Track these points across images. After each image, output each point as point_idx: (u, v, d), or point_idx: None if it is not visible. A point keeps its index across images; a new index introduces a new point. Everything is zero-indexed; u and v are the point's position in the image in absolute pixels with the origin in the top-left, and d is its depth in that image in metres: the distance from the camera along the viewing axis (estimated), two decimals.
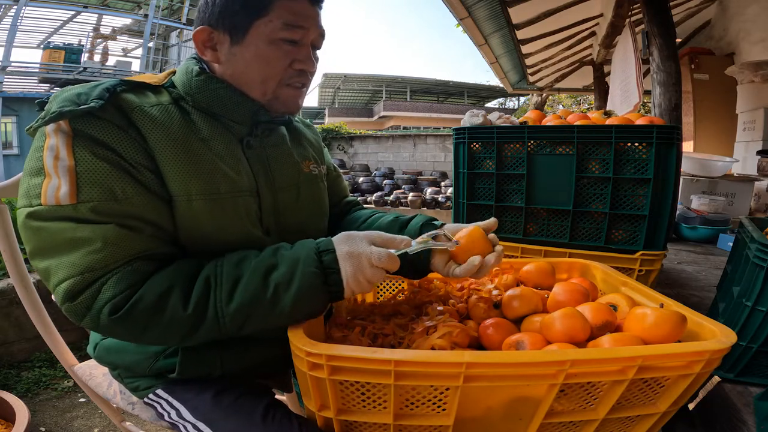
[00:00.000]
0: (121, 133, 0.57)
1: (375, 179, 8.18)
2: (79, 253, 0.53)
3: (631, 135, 1.09)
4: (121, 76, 0.65)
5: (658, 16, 2.17)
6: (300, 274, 0.57)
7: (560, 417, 0.55)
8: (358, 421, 0.56)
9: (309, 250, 0.59)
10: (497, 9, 3.23)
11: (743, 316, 0.74)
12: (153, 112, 0.60)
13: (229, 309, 0.56)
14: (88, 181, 0.54)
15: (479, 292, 0.79)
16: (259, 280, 0.57)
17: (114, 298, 0.53)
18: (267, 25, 0.64)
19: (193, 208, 0.61)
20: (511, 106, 23.31)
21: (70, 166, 0.53)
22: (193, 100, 0.66)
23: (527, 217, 1.23)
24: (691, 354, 0.51)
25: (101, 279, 0.54)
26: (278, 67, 0.67)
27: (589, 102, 10.67)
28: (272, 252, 0.61)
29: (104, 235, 0.53)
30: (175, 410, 0.68)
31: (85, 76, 10.27)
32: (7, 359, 1.94)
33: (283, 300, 0.57)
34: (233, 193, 0.65)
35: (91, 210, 0.53)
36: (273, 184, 0.73)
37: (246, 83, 0.68)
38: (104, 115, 0.56)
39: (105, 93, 0.57)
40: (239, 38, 0.65)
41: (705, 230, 2.04)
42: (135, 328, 0.55)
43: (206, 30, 0.66)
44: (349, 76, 22.52)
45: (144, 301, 0.54)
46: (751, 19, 3.22)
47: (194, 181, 0.61)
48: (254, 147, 0.71)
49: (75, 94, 0.56)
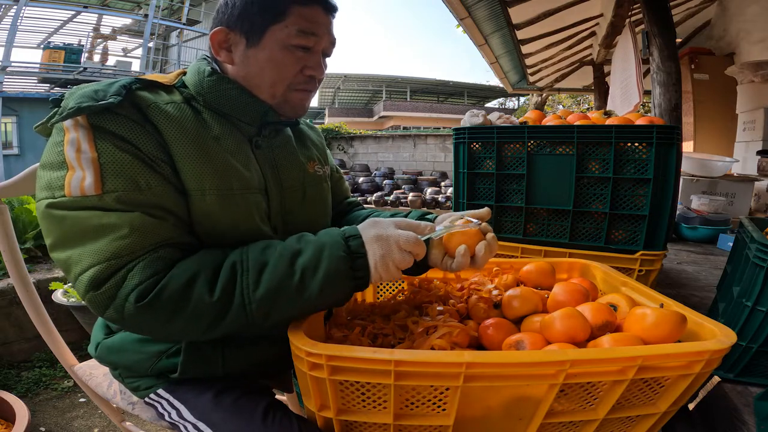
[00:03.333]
0: (139, 128, 0.58)
1: (375, 179, 8.18)
2: (105, 239, 0.53)
3: (631, 135, 1.10)
4: (122, 76, 0.66)
5: (658, 16, 2.17)
6: (327, 259, 0.57)
7: (560, 417, 0.55)
8: (358, 421, 0.56)
9: (335, 235, 0.60)
10: (497, 9, 3.23)
11: (743, 316, 0.74)
12: (168, 109, 0.62)
13: (256, 295, 0.55)
14: (112, 172, 0.55)
15: (479, 292, 0.79)
16: (286, 265, 0.57)
17: (140, 285, 0.53)
18: (282, 30, 0.65)
19: (207, 203, 0.62)
20: (511, 106, 23.32)
21: (93, 158, 0.54)
22: (204, 99, 0.67)
23: (527, 217, 1.23)
24: (691, 354, 0.51)
25: (127, 266, 0.53)
26: (290, 72, 0.68)
27: (589, 102, 10.67)
28: (297, 239, 0.61)
29: (131, 222, 0.54)
30: (176, 410, 0.68)
31: (85, 76, 10.26)
32: (7, 359, 1.94)
33: (310, 286, 0.56)
34: (245, 190, 0.66)
35: (117, 200, 0.54)
36: (281, 183, 0.74)
37: (257, 85, 0.69)
38: (121, 111, 0.57)
39: (122, 90, 0.58)
40: (255, 41, 0.66)
41: (705, 230, 2.04)
42: (161, 317, 0.54)
43: (223, 31, 0.67)
44: (349, 76, 22.52)
45: (170, 288, 0.53)
46: (751, 19, 3.22)
47: (208, 176, 0.62)
48: (262, 147, 0.72)
49: (93, 91, 0.57)
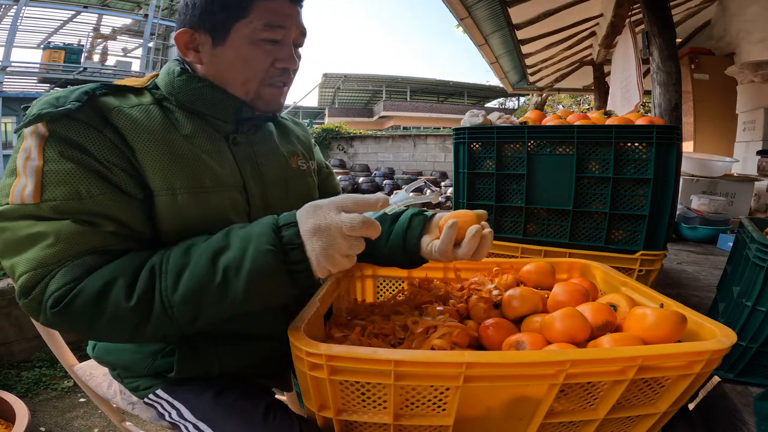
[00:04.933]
0: (96, 134, 0.57)
1: (375, 179, 8.17)
2: (35, 248, 0.53)
3: (631, 135, 1.10)
4: (122, 76, 0.65)
5: (658, 16, 2.17)
6: (252, 254, 0.52)
7: (560, 417, 0.55)
8: (358, 421, 0.56)
9: (264, 225, 0.55)
10: (497, 9, 3.23)
11: (743, 316, 0.74)
12: (132, 112, 0.61)
13: (175, 298, 0.52)
14: (53, 181, 0.54)
15: (479, 292, 0.79)
16: (207, 264, 0.53)
17: (56, 291, 0.52)
18: (248, 26, 0.65)
19: (178, 202, 0.62)
20: (511, 106, 23.31)
21: (38, 167, 0.54)
22: (176, 99, 0.67)
23: (527, 217, 1.23)
24: (691, 354, 0.51)
25: (51, 273, 0.53)
26: (260, 66, 0.68)
27: (589, 102, 10.67)
28: (225, 234, 0.56)
29: (58, 231, 0.53)
30: (176, 410, 0.68)
31: (85, 76, 10.24)
32: (7, 359, 1.94)
33: (235, 284, 0.52)
34: (218, 187, 0.66)
35: (53, 209, 0.53)
36: (261, 178, 0.73)
37: (229, 83, 0.68)
38: (81, 116, 0.57)
39: (83, 96, 0.58)
40: (220, 40, 0.66)
41: (705, 230, 2.04)
42: (79, 322, 0.53)
43: (188, 32, 0.66)
44: (349, 76, 22.51)
45: (84, 294, 0.52)
46: (751, 19, 3.22)
47: (177, 175, 0.62)
48: (241, 143, 0.72)
49: (54, 98, 0.57)
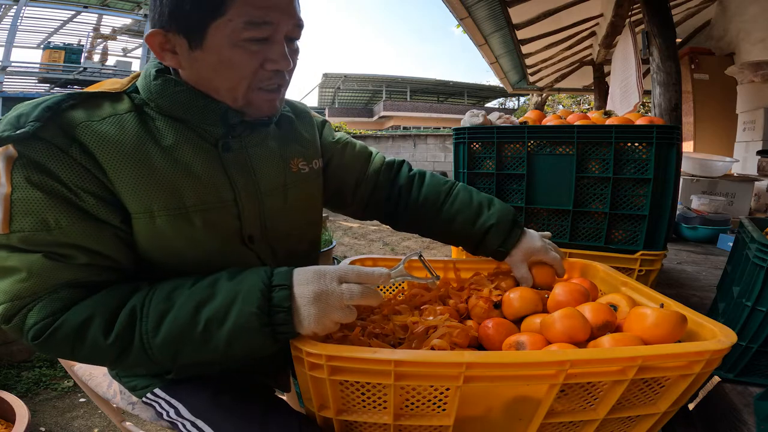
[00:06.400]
0: (62, 156, 0.53)
1: None
2: (8, 281, 0.53)
3: (631, 135, 1.09)
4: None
5: (658, 16, 2.17)
6: (236, 312, 0.52)
7: (560, 417, 0.55)
8: (358, 421, 0.56)
9: (255, 281, 0.54)
10: (497, 9, 3.22)
11: (743, 316, 0.74)
12: (101, 127, 0.55)
13: (156, 341, 0.53)
14: (20, 211, 0.52)
15: (479, 292, 0.79)
16: (189, 313, 0.53)
17: (36, 325, 0.52)
18: (227, 25, 0.55)
19: (157, 225, 0.58)
20: (511, 106, 23.33)
21: (5, 194, 0.52)
22: (156, 105, 0.60)
23: (527, 217, 1.23)
24: (691, 354, 0.51)
25: (28, 306, 0.53)
26: (247, 71, 0.59)
27: (589, 102, 10.67)
28: (211, 282, 0.55)
29: (30, 266, 0.52)
30: (174, 408, 0.68)
31: (85, 76, 10.26)
32: (7, 359, 1.94)
33: (216, 337, 0.53)
34: (202, 205, 0.60)
35: (22, 240, 0.52)
36: (258, 188, 0.67)
37: (213, 90, 0.61)
38: (45, 135, 0.53)
39: (44, 113, 0.53)
40: (197, 42, 0.57)
41: (705, 230, 2.03)
42: (61, 352, 0.54)
43: (159, 33, 0.57)
44: (349, 76, 22.52)
45: (63, 330, 0.53)
46: (751, 19, 3.22)
47: (155, 196, 0.57)
48: (234, 149, 0.64)
49: (16, 116, 0.53)
